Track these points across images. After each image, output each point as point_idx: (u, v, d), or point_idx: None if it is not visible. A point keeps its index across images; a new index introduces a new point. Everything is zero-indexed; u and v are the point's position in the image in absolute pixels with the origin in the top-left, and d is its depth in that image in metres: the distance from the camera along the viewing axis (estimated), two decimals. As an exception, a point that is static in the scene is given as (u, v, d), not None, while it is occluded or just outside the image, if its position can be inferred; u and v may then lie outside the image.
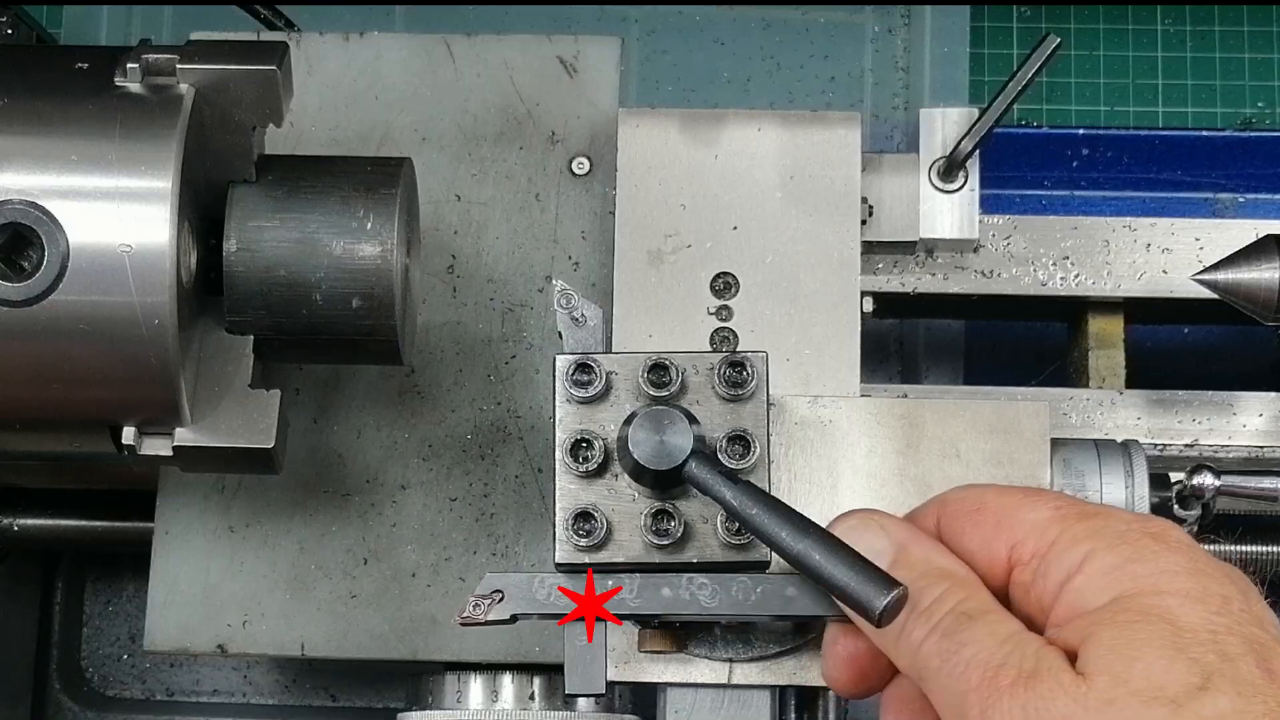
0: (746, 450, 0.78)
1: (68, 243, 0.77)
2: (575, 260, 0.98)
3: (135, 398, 0.80)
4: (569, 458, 0.78)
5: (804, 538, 0.72)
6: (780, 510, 0.73)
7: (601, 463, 0.78)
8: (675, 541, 0.78)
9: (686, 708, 0.89)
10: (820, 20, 1.27)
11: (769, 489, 0.78)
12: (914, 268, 1.02)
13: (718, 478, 0.75)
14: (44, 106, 0.79)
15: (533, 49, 1.01)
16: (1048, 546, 0.70)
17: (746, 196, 0.95)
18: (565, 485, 0.78)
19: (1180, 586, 0.66)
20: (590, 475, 0.78)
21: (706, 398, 0.79)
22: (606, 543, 0.78)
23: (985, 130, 0.97)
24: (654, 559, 0.78)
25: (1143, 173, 1.20)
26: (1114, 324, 1.06)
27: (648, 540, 0.78)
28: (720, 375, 0.79)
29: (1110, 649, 0.65)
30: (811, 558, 0.71)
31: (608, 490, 0.78)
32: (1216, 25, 1.29)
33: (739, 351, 0.80)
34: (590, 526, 0.78)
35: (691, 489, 0.77)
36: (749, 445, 0.78)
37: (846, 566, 0.70)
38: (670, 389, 0.78)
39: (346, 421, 0.97)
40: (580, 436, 0.78)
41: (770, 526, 0.72)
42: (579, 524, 0.78)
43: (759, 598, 0.77)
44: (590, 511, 0.78)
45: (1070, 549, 0.69)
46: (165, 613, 0.95)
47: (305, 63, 1.00)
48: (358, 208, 0.83)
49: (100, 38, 1.27)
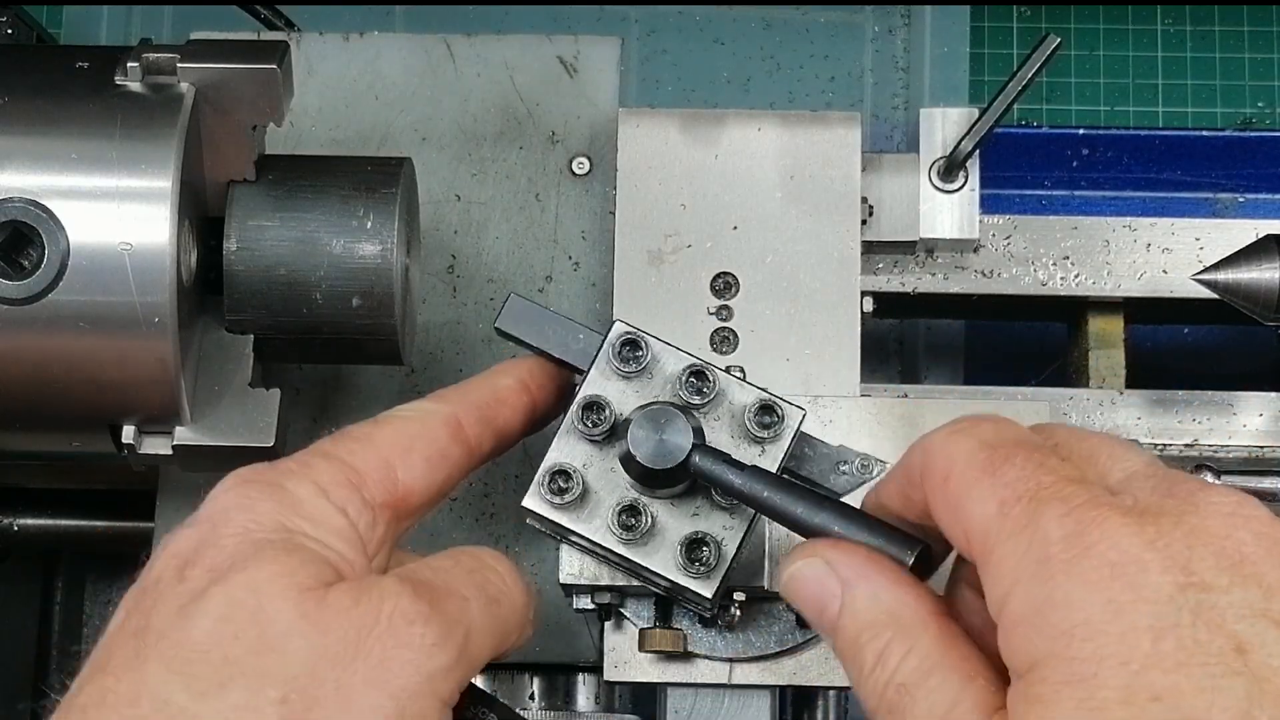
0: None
1: (68, 241, 0.77)
2: (575, 260, 0.98)
3: (135, 397, 0.80)
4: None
5: (820, 511, 0.71)
6: (791, 488, 0.73)
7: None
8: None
9: (686, 708, 0.89)
10: (820, 20, 1.27)
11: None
12: (914, 268, 1.02)
13: (724, 466, 0.75)
14: (44, 106, 0.79)
15: (533, 49, 1.01)
16: (986, 556, 0.62)
17: (746, 196, 0.95)
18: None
19: (1092, 650, 0.57)
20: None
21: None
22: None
23: (985, 130, 0.97)
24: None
25: (1143, 173, 1.20)
26: (1114, 324, 1.05)
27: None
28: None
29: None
30: (832, 529, 0.70)
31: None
32: (1216, 25, 1.29)
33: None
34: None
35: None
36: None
37: (869, 532, 0.69)
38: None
39: (346, 421, 0.96)
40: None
41: (785, 505, 0.72)
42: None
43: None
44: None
45: (997, 579, 0.61)
46: (165, 612, 0.95)
47: (305, 63, 1.00)
48: (358, 207, 0.84)
49: (100, 38, 1.28)
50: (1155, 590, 0.58)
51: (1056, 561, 0.59)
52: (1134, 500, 0.61)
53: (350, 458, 0.71)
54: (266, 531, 0.67)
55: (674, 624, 0.86)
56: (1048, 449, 0.64)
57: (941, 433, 0.66)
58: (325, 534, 0.67)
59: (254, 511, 0.67)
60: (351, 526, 0.68)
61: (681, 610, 0.87)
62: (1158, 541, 0.59)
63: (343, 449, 0.71)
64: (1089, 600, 0.58)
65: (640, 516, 0.77)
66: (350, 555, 0.68)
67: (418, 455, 0.72)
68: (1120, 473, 0.64)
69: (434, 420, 0.73)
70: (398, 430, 0.72)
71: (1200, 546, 0.59)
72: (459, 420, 0.73)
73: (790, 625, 0.87)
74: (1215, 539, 0.59)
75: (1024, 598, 0.59)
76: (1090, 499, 0.61)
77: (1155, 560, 0.58)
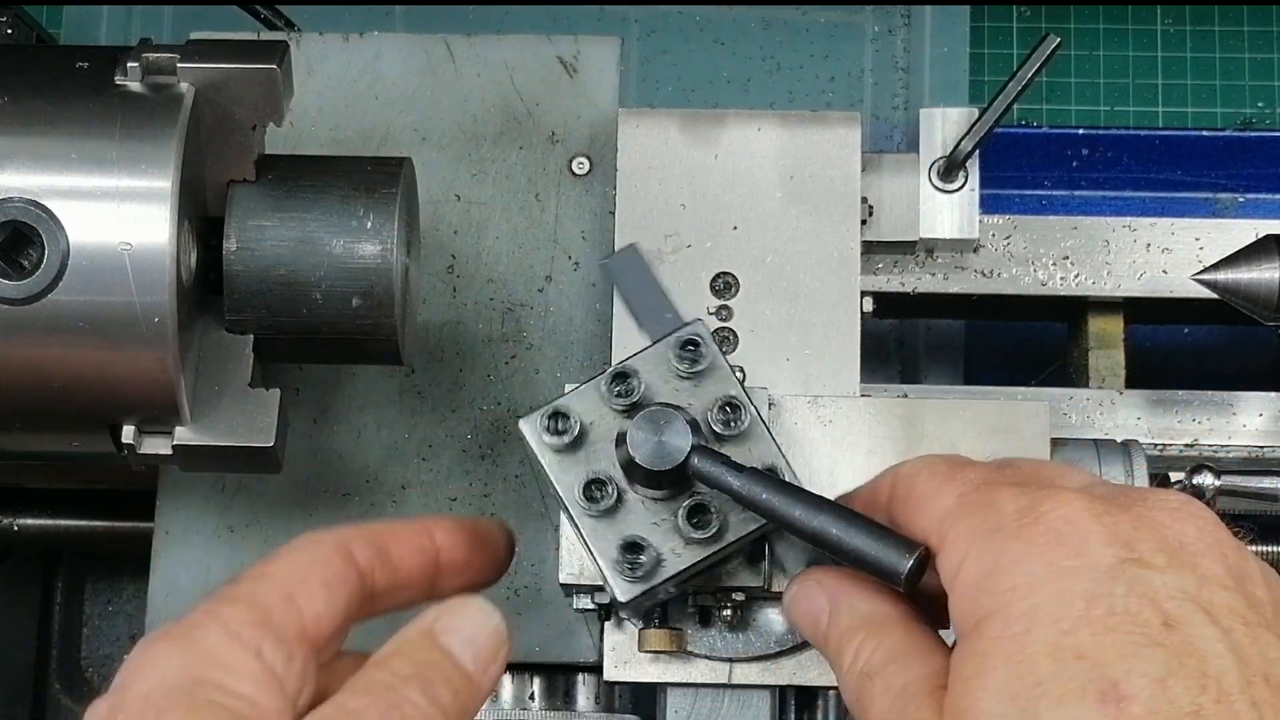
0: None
1: (68, 241, 0.77)
2: (575, 260, 0.98)
3: (135, 396, 0.80)
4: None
5: (818, 513, 0.72)
6: (789, 491, 0.73)
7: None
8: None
9: (686, 708, 0.89)
10: (820, 20, 1.27)
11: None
12: (914, 268, 1.02)
13: (723, 468, 0.75)
14: (44, 106, 0.79)
15: (533, 49, 1.01)
16: (941, 539, 0.67)
17: (746, 196, 0.95)
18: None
19: (1028, 605, 0.61)
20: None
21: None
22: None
23: (985, 130, 0.97)
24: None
25: (1143, 173, 1.20)
26: (1114, 324, 1.06)
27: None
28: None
29: (964, 696, 0.62)
30: (829, 532, 0.71)
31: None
32: (1216, 25, 1.29)
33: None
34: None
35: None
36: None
37: (865, 535, 0.70)
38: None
39: (346, 421, 0.97)
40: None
41: (783, 508, 0.73)
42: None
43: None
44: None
45: (951, 552, 0.66)
46: (165, 613, 0.95)
47: (305, 63, 1.00)
48: (358, 207, 0.83)
49: (100, 38, 1.27)
50: (1096, 559, 0.62)
51: (1007, 530, 0.64)
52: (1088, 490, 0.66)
53: (254, 597, 0.68)
54: (173, 691, 0.65)
55: (673, 624, 0.87)
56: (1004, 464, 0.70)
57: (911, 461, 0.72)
58: (238, 681, 0.65)
59: (163, 671, 0.65)
60: (267, 669, 0.66)
61: (681, 610, 0.87)
62: (1105, 518, 0.63)
63: (244, 591, 0.69)
64: (1033, 561, 0.62)
65: (605, 489, 0.77)
66: (263, 699, 0.66)
67: (315, 582, 0.70)
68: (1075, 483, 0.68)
69: (322, 548, 0.71)
70: (291, 562, 0.70)
71: (1145, 529, 0.63)
72: (348, 546, 0.71)
73: (790, 626, 0.87)
74: (1160, 526, 0.64)
75: (974, 563, 0.64)
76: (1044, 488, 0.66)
77: (1100, 533, 0.63)
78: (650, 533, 0.77)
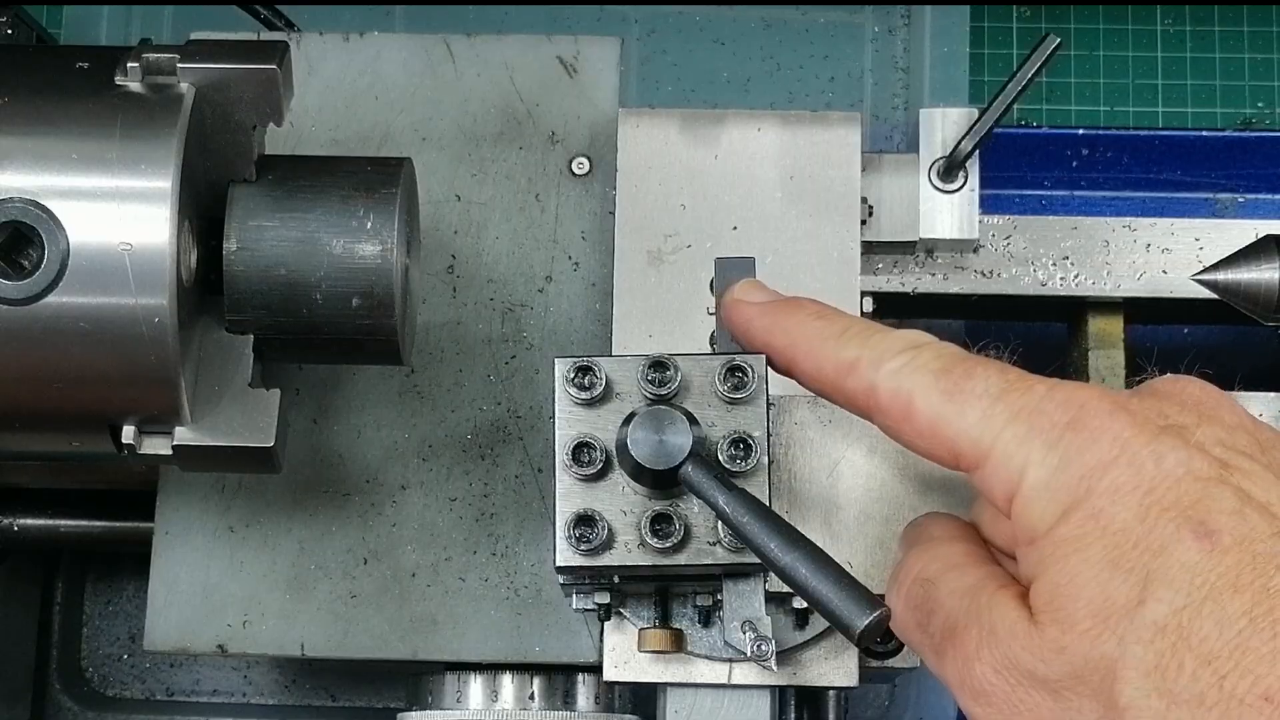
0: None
1: (68, 241, 0.77)
2: (575, 260, 0.98)
3: (135, 397, 0.80)
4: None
5: (792, 550, 0.72)
6: (772, 521, 0.73)
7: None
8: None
9: (686, 708, 0.89)
10: (820, 20, 1.27)
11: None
12: (914, 268, 1.02)
13: (713, 482, 0.74)
14: (44, 106, 0.79)
15: (533, 49, 1.01)
16: (983, 458, 0.69)
17: (746, 196, 0.95)
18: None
19: (1107, 483, 0.66)
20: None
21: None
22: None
23: (985, 130, 0.97)
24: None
25: (1143, 173, 1.20)
26: (1114, 324, 1.05)
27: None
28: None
29: (1054, 586, 0.66)
30: (798, 571, 0.71)
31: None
32: (1216, 25, 1.29)
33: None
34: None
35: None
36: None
37: (832, 584, 0.70)
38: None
39: (346, 421, 0.97)
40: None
41: (760, 536, 0.72)
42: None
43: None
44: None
45: (1005, 464, 0.69)
46: (165, 613, 0.95)
47: (305, 63, 1.00)
48: (358, 207, 0.84)
49: (100, 38, 1.27)
50: (1145, 427, 0.68)
51: (1058, 428, 0.68)
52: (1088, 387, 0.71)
53: None
54: None
55: (673, 624, 0.87)
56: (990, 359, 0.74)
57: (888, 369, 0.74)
58: None
59: None
60: None
61: (681, 610, 0.87)
62: (1130, 402, 0.69)
63: None
64: (1095, 447, 0.67)
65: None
66: None
67: None
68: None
69: None
70: None
71: (1163, 400, 0.71)
72: None
73: (790, 625, 0.87)
74: (1171, 395, 0.71)
75: (1039, 467, 0.68)
76: (1056, 381, 0.70)
77: (1138, 408, 0.69)
78: (615, 518, 0.78)
